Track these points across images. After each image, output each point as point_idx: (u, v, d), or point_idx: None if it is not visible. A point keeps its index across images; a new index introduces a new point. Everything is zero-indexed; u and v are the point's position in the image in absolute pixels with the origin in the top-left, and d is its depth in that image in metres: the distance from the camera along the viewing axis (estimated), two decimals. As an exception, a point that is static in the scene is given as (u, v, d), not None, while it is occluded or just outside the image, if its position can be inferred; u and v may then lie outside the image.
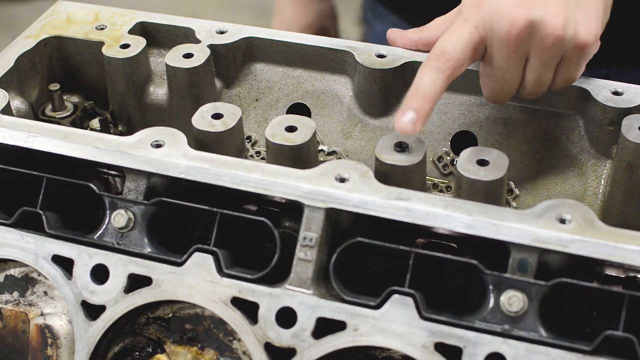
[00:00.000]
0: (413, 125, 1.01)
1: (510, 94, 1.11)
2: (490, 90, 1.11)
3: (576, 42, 1.05)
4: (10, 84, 1.20)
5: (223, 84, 1.26)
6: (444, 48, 1.05)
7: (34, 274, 1.04)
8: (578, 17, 1.05)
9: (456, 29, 1.06)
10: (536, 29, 1.03)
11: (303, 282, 0.95)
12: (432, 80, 1.03)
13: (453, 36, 1.06)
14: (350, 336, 0.93)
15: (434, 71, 1.04)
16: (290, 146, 1.05)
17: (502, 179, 1.00)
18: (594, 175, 1.15)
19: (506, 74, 1.08)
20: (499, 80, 1.09)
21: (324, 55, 1.23)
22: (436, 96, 1.03)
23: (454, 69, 1.04)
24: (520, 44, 1.04)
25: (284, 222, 1.07)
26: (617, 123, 1.09)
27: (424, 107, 1.02)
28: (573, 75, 1.09)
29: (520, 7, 1.03)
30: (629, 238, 0.90)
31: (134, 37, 1.23)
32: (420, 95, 1.02)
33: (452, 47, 1.05)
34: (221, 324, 0.98)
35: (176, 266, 0.98)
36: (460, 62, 1.05)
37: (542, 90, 1.10)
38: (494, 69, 1.08)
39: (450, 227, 0.93)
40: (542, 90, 1.10)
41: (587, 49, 1.06)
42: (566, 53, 1.06)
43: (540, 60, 1.06)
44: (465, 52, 1.05)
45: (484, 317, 0.91)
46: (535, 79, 1.08)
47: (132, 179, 1.02)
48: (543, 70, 1.07)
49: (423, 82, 1.03)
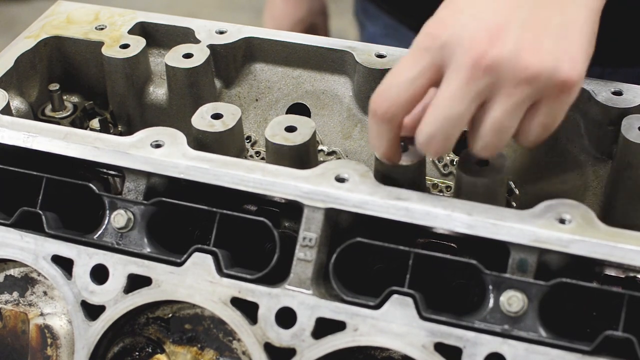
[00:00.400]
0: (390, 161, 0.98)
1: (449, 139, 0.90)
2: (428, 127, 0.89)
3: (557, 80, 0.87)
4: (10, 84, 1.20)
5: (223, 84, 1.26)
6: (387, 94, 0.91)
7: (33, 274, 1.04)
8: (559, 52, 0.88)
9: (407, 64, 0.90)
10: (503, 67, 0.86)
11: (303, 282, 0.95)
12: (379, 136, 0.93)
13: (402, 75, 0.90)
14: (350, 336, 0.93)
15: (378, 127, 0.93)
16: (289, 146, 1.05)
17: (502, 179, 1.00)
18: (594, 175, 1.15)
19: (451, 108, 0.87)
20: (444, 119, 0.88)
21: (324, 55, 1.23)
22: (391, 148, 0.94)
23: (400, 117, 0.92)
24: (480, 73, 0.86)
25: (284, 222, 1.07)
26: (617, 123, 1.09)
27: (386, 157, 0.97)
28: (551, 121, 0.90)
29: (487, 37, 0.87)
30: (628, 238, 0.90)
31: (134, 37, 1.23)
32: (378, 154, 0.97)
33: (396, 94, 0.90)
34: (221, 324, 0.98)
35: (176, 266, 0.98)
36: (408, 108, 0.91)
37: (498, 142, 0.90)
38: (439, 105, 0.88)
39: (450, 227, 0.93)
40: (499, 143, 0.90)
41: (571, 89, 0.88)
42: (543, 93, 0.88)
43: (503, 100, 0.87)
44: (414, 95, 0.90)
45: (483, 317, 0.91)
46: (495, 125, 0.88)
47: (131, 179, 1.02)
48: (505, 114, 0.88)
49: (373, 138, 0.94)
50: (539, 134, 0.92)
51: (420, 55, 0.90)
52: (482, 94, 0.88)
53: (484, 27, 0.87)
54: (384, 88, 0.92)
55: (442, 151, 0.91)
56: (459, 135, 0.90)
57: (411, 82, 0.90)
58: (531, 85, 0.87)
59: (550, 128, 0.92)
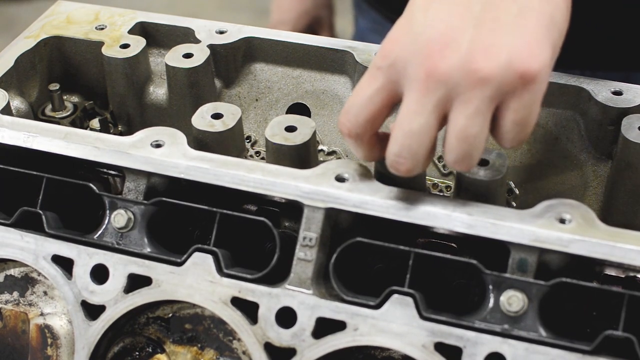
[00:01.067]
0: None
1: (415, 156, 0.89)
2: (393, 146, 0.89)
3: (514, 75, 0.84)
4: (10, 84, 1.20)
5: (223, 84, 1.26)
6: (348, 114, 0.92)
7: (33, 273, 1.04)
8: (515, 45, 0.85)
9: (364, 83, 0.91)
10: (456, 73, 0.85)
11: (303, 282, 0.95)
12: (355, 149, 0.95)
13: (361, 95, 0.91)
14: (350, 336, 0.93)
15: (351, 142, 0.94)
16: (289, 146, 1.05)
17: (502, 179, 1.00)
18: (594, 175, 1.15)
19: (411, 122, 0.87)
20: (406, 135, 0.88)
21: (324, 55, 1.23)
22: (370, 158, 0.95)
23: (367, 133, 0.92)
24: (433, 84, 0.86)
25: (284, 222, 1.07)
26: (617, 123, 1.09)
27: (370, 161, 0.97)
28: (523, 116, 0.87)
29: (437, 46, 0.85)
30: (628, 238, 0.90)
31: (134, 37, 1.23)
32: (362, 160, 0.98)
33: (356, 112, 0.91)
34: (221, 324, 0.98)
35: (176, 266, 0.98)
36: (371, 125, 0.91)
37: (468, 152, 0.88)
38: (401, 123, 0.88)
39: (450, 227, 0.93)
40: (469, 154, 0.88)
41: (533, 79, 0.85)
42: (505, 91, 0.85)
43: (462, 107, 0.86)
44: (376, 111, 0.91)
45: (483, 317, 0.91)
46: (460, 134, 0.86)
47: (131, 179, 1.02)
48: (467, 120, 0.86)
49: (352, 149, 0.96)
50: (516, 132, 0.89)
51: (375, 74, 0.90)
52: (440, 105, 0.87)
53: (435, 36, 0.86)
54: (345, 108, 0.93)
55: (412, 169, 0.90)
56: (426, 153, 0.89)
57: (368, 101, 0.91)
58: (487, 86, 0.85)
59: (526, 123, 0.88)
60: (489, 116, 0.87)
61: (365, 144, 0.94)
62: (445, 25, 0.87)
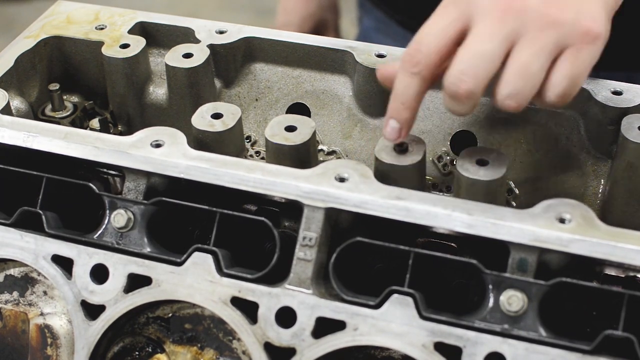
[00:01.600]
0: (398, 133, 1.00)
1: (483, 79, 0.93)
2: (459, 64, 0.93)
3: (580, 29, 0.93)
4: (10, 84, 1.20)
5: (223, 84, 1.26)
6: (418, 46, 0.96)
7: (33, 273, 1.04)
8: (580, 8, 0.94)
9: (437, 16, 0.97)
10: (530, 11, 0.92)
11: (303, 282, 0.95)
12: (406, 86, 0.97)
13: (433, 27, 0.96)
14: (350, 336, 0.93)
15: (406, 75, 0.97)
16: (289, 146, 1.05)
17: (502, 179, 1.00)
18: (594, 175, 1.15)
19: (482, 44, 0.92)
20: (475, 56, 0.93)
21: (324, 55, 1.23)
22: (414, 102, 0.98)
23: (429, 68, 0.96)
24: (508, 17, 0.92)
25: (284, 222, 1.07)
26: (617, 123, 1.09)
27: (403, 115, 0.99)
28: (576, 72, 0.94)
29: None
30: (628, 238, 0.90)
31: (134, 37, 1.23)
32: (397, 103, 0.99)
33: (428, 41, 0.95)
34: (221, 324, 0.98)
35: (176, 266, 0.98)
36: (438, 59, 0.95)
37: (524, 88, 0.93)
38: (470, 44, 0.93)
39: (450, 227, 0.93)
40: (524, 90, 0.93)
41: (594, 39, 0.93)
42: (568, 41, 0.93)
43: (529, 43, 0.92)
44: (445, 44, 0.95)
45: (483, 317, 0.91)
46: (521, 68, 0.92)
47: (131, 179, 1.02)
48: (531, 57, 0.92)
49: (398, 89, 0.98)
50: (565, 86, 0.94)
51: (448, 8, 0.96)
52: (510, 37, 0.93)
53: None
54: (416, 39, 0.96)
55: (471, 91, 0.93)
56: (486, 79, 0.93)
57: (441, 32, 0.95)
58: (555, 30, 0.92)
59: (576, 79, 0.95)
60: (549, 59, 0.93)
61: (423, 81, 0.96)
62: None
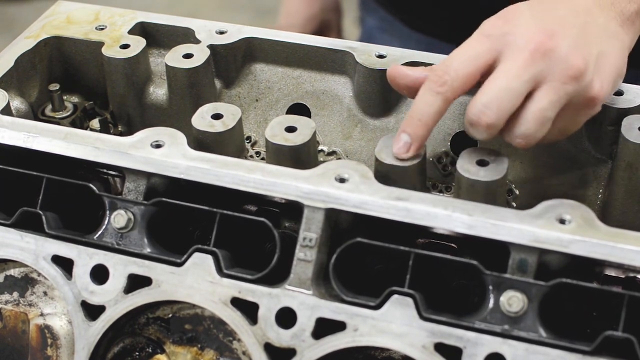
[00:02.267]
0: (407, 149, 1.01)
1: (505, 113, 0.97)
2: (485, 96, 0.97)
3: (587, 92, 0.98)
4: (10, 84, 1.20)
5: (223, 84, 1.26)
6: (447, 68, 0.99)
7: (33, 274, 1.04)
8: (596, 71, 0.99)
9: (469, 44, 1.00)
10: (556, 60, 0.97)
11: (303, 283, 0.95)
12: (428, 104, 0.99)
13: (464, 54, 1.00)
14: (350, 336, 0.93)
15: (430, 94, 0.99)
16: (290, 146, 1.05)
17: (502, 179, 1.00)
18: (594, 176, 1.15)
19: (508, 81, 0.96)
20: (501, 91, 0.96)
21: (324, 56, 1.23)
22: (432, 120, 1.00)
23: (455, 91, 0.99)
24: (536, 58, 0.96)
25: (284, 223, 1.07)
26: (617, 123, 1.09)
27: (417, 132, 1.00)
28: (569, 128, 1.02)
29: (546, 34, 0.97)
30: (628, 238, 0.90)
31: (134, 37, 1.23)
32: (415, 119, 1.00)
33: (458, 66, 0.99)
34: (221, 324, 0.98)
35: (176, 266, 0.98)
36: (463, 84, 0.99)
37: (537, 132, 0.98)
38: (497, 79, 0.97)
39: (450, 228, 0.93)
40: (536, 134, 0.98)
41: (596, 104, 1.00)
42: (573, 101, 0.98)
43: (550, 92, 0.97)
44: (473, 72, 0.99)
45: (483, 318, 0.91)
46: (539, 113, 0.97)
47: (132, 179, 1.02)
48: (549, 105, 0.97)
49: (419, 105, 1.00)
50: (554, 137, 1.02)
51: (482, 40, 1.00)
52: (536, 78, 0.97)
53: (542, 27, 0.98)
54: (446, 62, 1.00)
55: (492, 124, 0.97)
56: (507, 114, 0.97)
57: (472, 60, 0.99)
58: (573, 86, 0.97)
59: (565, 134, 1.03)
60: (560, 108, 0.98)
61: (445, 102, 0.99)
62: (550, 25, 0.99)
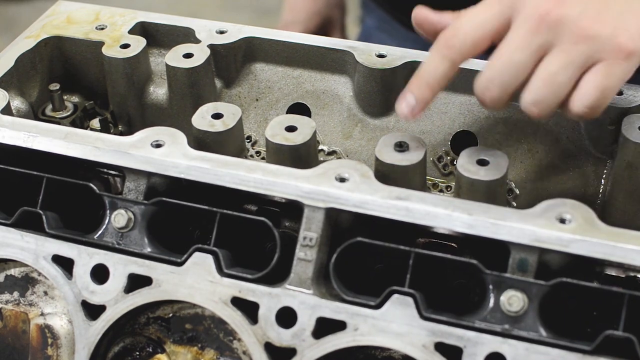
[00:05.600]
0: (411, 111, 1.00)
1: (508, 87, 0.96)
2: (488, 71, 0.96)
3: (614, 44, 0.93)
4: (10, 84, 1.20)
5: (223, 84, 1.26)
6: (456, 31, 0.97)
7: (34, 273, 1.04)
8: (618, 25, 0.94)
9: (479, 9, 0.98)
10: (566, 23, 0.93)
11: (303, 282, 0.95)
12: (435, 66, 0.98)
13: (473, 18, 0.98)
14: (350, 336, 0.93)
15: (438, 56, 0.98)
16: (290, 146, 1.05)
17: (502, 179, 1.00)
18: (594, 175, 1.15)
19: (513, 54, 0.95)
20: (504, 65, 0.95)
21: (324, 55, 1.23)
22: (439, 83, 0.99)
23: (462, 54, 0.97)
24: (543, 26, 0.93)
25: (284, 222, 1.07)
26: (617, 123, 1.09)
27: (423, 94, 0.99)
28: (606, 84, 0.94)
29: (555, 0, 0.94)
30: (629, 238, 0.90)
31: (134, 37, 1.23)
32: (422, 81, 0.99)
33: (467, 30, 0.97)
34: (221, 324, 0.98)
35: (176, 266, 0.98)
36: (472, 48, 0.97)
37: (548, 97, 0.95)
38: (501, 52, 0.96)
39: (451, 227, 0.93)
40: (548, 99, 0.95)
41: (628, 55, 0.94)
42: (601, 55, 0.94)
43: (560, 55, 0.94)
44: (481, 37, 0.97)
45: (484, 317, 0.91)
46: (547, 77, 0.94)
47: (132, 179, 1.02)
48: (559, 68, 0.94)
49: (426, 67, 0.99)
50: (594, 97, 0.95)
51: (491, 4, 0.98)
52: (543, 48, 0.94)
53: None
54: (455, 25, 0.98)
55: (496, 99, 0.96)
56: (514, 88, 0.95)
57: (479, 25, 0.97)
58: (588, 45, 0.93)
59: (605, 92, 0.95)
60: (579, 71, 0.94)
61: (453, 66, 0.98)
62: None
